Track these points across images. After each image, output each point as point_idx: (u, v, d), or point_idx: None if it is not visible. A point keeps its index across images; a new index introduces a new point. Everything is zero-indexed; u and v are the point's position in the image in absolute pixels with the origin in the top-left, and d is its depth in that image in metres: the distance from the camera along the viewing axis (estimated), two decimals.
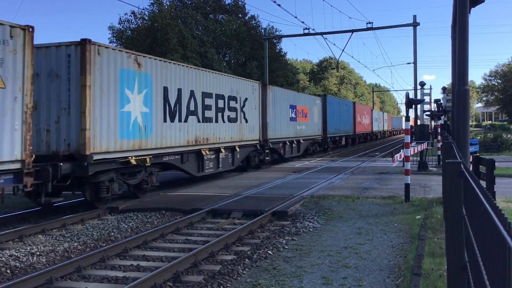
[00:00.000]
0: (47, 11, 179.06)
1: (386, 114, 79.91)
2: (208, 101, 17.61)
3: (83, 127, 11.57)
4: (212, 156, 17.98)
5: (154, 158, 14.18)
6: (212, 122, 17.83)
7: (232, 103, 19.65)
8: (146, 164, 13.75)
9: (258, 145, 22.09)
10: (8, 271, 7.64)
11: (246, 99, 20.90)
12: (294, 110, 27.67)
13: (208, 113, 17.56)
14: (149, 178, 14.48)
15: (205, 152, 17.15)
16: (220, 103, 18.62)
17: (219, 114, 18.44)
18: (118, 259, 8.20)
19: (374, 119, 59.16)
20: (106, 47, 12.37)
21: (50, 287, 6.74)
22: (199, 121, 16.89)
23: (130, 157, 13.09)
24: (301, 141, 28.69)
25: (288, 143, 26.33)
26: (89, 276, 7.21)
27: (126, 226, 10.91)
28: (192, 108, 16.49)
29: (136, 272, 7.43)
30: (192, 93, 16.53)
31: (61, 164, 11.14)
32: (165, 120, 14.82)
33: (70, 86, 11.73)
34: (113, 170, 12.71)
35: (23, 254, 8.55)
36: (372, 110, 58.75)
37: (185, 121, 16.02)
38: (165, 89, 14.90)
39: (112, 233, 10.21)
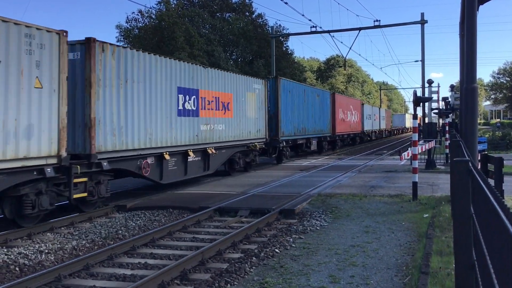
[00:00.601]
0: (51, 9, 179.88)
1: (383, 110, 67.38)
2: None
3: None
4: None
5: None
6: None
7: None
8: None
9: (48, 171, 10.30)
10: (17, 268, 7.69)
11: None
12: (193, 97, 16.25)
13: None
14: None
15: None
16: None
17: None
18: (126, 257, 8.24)
19: (366, 116, 49.15)
20: None
21: (58, 284, 6.79)
22: None
23: None
24: (212, 152, 17.14)
25: (170, 157, 14.79)
26: (97, 273, 7.25)
27: (133, 224, 10.95)
28: None
29: (143, 270, 7.46)
30: None
31: None
32: None
33: None
34: None
35: (32, 252, 8.61)
36: (363, 104, 48.34)
37: None
38: None
39: (120, 231, 10.26)
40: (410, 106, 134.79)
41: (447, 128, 22.50)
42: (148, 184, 16.77)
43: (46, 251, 8.71)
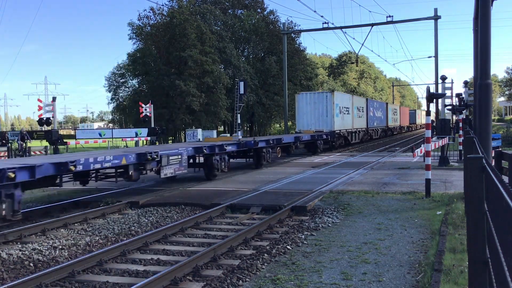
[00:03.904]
0: (62, 6, 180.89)
1: None
2: None
3: None
4: None
5: None
6: None
7: None
8: None
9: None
10: (31, 264, 7.78)
11: None
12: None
13: None
14: None
15: None
16: None
17: None
18: (139, 253, 8.30)
19: None
20: None
21: (72, 280, 6.85)
22: None
23: None
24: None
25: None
26: (110, 269, 7.31)
27: (146, 220, 11.02)
28: None
29: (156, 266, 7.51)
30: None
31: None
32: None
33: None
34: None
35: (46, 248, 8.70)
36: None
37: None
38: None
39: (133, 227, 10.33)
40: (423, 102, 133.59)
41: (460, 124, 22.29)
42: (160, 181, 16.86)
43: (60, 247, 8.80)
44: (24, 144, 28.46)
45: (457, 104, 24.75)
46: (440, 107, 25.56)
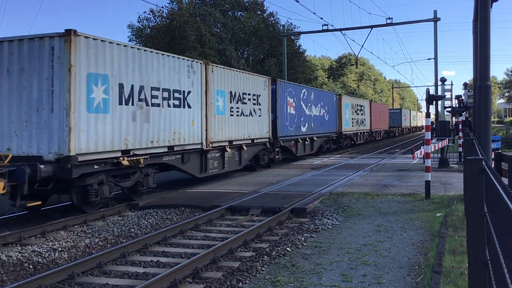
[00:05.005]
0: (62, 8, 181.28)
1: None
2: None
3: None
4: None
5: None
6: None
7: None
8: None
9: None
10: (31, 266, 7.78)
11: None
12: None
13: None
14: None
15: None
16: None
17: None
18: (138, 255, 8.29)
19: None
20: None
21: (71, 282, 6.85)
22: None
23: None
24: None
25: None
26: (110, 271, 7.30)
27: (146, 222, 11.01)
28: None
29: (156, 268, 7.50)
30: None
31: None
32: None
33: None
34: None
35: (46, 250, 8.70)
36: None
37: None
38: None
39: (132, 229, 10.32)
40: (423, 104, 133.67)
41: (460, 126, 22.29)
42: (160, 182, 16.85)
43: (60, 249, 8.79)
44: None
45: (457, 106, 24.78)
46: (439, 109, 25.60)
